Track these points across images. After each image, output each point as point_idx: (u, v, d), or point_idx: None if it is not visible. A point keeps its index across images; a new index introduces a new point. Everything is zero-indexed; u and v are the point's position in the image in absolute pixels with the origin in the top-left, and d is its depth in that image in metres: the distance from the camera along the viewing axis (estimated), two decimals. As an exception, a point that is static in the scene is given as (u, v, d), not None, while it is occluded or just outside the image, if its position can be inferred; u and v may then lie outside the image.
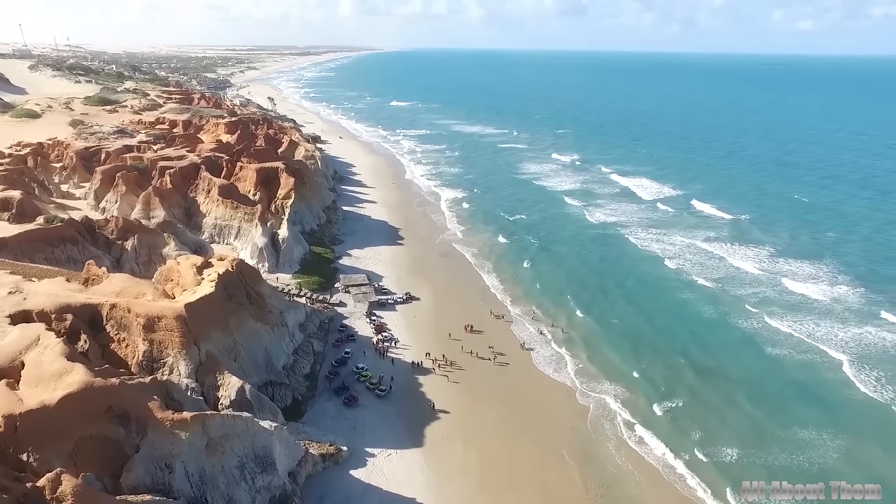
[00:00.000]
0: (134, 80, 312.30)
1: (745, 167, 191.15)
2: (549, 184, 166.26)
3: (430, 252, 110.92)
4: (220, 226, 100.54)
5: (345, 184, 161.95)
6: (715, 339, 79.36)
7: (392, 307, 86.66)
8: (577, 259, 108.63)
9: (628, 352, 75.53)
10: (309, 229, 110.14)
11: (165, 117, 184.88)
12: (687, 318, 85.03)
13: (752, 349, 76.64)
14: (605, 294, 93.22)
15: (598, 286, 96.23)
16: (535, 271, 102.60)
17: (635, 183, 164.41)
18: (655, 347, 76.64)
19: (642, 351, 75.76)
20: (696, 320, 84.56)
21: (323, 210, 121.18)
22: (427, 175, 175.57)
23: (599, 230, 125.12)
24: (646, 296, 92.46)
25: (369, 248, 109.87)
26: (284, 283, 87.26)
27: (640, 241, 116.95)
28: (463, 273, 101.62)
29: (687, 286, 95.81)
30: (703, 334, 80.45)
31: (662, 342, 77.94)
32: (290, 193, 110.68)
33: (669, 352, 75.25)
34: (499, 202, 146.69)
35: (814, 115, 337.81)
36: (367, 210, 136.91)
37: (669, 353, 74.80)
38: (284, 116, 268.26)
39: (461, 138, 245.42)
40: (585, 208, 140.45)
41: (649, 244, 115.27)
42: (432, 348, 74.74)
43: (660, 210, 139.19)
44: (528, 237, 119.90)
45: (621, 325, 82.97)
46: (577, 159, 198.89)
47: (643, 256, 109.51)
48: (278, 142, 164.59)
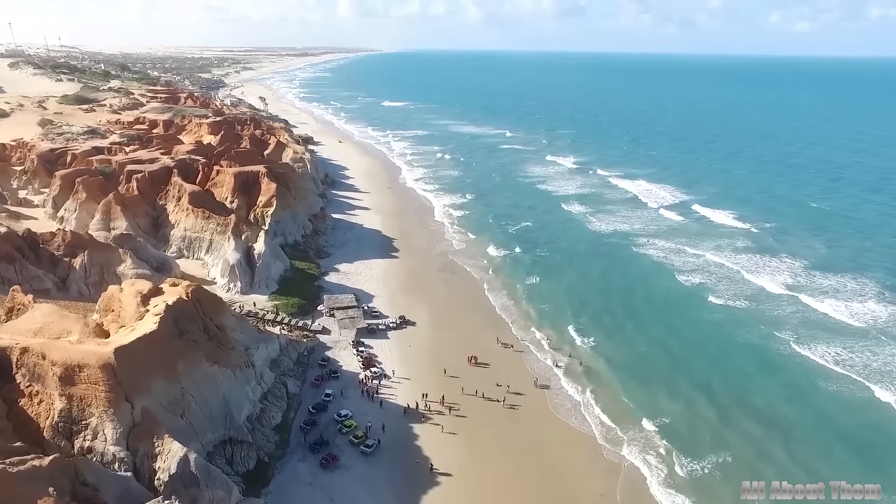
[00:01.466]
0: (121, 79, 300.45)
1: (749, 168, 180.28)
2: (551, 188, 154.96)
3: (427, 266, 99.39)
4: (189, 238, 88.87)
5: (337, 188, 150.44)
6: (747, 372, 68.46)
7: (384, 334, 75.06)
8: (586, 274, 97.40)
9: (657, 389, 64.46)
10: (292, 241, 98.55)
11: (146, 117, 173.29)
12: (710, 346, 74.50)
13: (783, 384, 66.23)
14: (621, 316, 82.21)
15: (611, 306, 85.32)
16: (544, 288, 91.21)
17: (638, 187, 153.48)
18: (683, 382, 66.03)
19: (672, 387, 64.86)
20: (720, 347, 74.20)
21: (309, 218, 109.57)
22: (424, 178, 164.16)
23: (606, 240, 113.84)
24: (662, 318, 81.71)
25: (360, 262, 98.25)
26: (258, 307, 75.60)
27: (649, 254, 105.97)
28: (464, 290, 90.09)
29: (704, 306, 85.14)
30: (736, 369, 69.29)
31: (689, 376, 67.38)
32: (272, 201, 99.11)
33: (700, 390, 64.37)
34: (499, 208, 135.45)
35: (815, 116, 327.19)
36: (360, 217, 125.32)
37: (700, 392, 64.02)
38: (276, 116, 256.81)
39: (459, 139, 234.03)
40: (589, 215, 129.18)
41: (659, 257, 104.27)
42: (430, 387, 63.21)
43: (666, 217, 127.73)
44: (534, 248, 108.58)
45: (643, 354, 72.23)
46: (578, 161, 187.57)
47: (654, 271, 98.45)
48: (265, 143, 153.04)
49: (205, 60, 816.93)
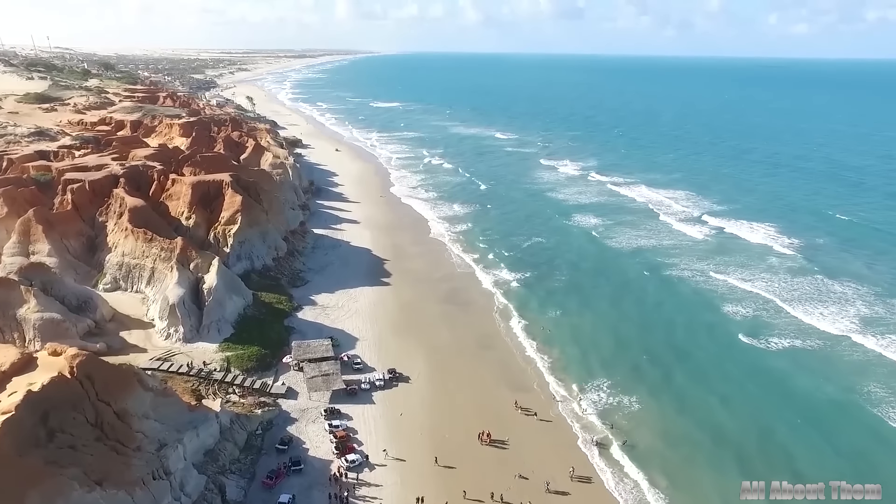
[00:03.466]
0: (100, 77, 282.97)
1: (758, 172, 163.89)
2: (558, 196, 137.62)
3: (425, 296, 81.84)
4: (127, 266, 71.23)
5: (323, 197, 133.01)
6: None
7: (367, 396, 57.62)
8: (613, 305, 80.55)
9: (729, 473, 47.11)
10: (260, 266, 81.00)
11: (112, 117, 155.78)
12: (782, 404, 58.13)
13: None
14: (664, 364, 65.62)
15: (651, 349, 68.70)
16: (567, 326, 73.97)
17: (647, 195, 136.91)
18: (758, 459, 48.88)
19: (745, 464, 47.35)
20: (798, 406, 57.59)
21: (285, 236, 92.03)
22: (421, 185, 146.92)
23: (627, 261, 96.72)
24: (717, 366, 65.56)
25: (343, 292, 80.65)
26: (203, 362, 57.98)
27: (676, 278, 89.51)
28: (471, 330, 72.58)
29: (758, 351, 68.20)
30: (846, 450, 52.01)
31: (766, 451, 50.57)
32: (236, 217, 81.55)
33: (785, 467, 46.67)
34: (504, 220, 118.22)
35: (817, 117, 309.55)
36: (347, 233, 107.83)
37: (786, 471, 46.18)
38: (263, 117, 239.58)
39: (459, 142, 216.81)
40: (603, 230, 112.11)
41: (687, 282, 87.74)
42: (426, 487, 45.73)
43: (683, 232, 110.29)
44: (550, 271, 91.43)
45: (704, 421, 55.24)
46: (581, 166, 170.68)
47: (689, 302, 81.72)
48: (242, 146, 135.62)
49: (200, 62, 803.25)
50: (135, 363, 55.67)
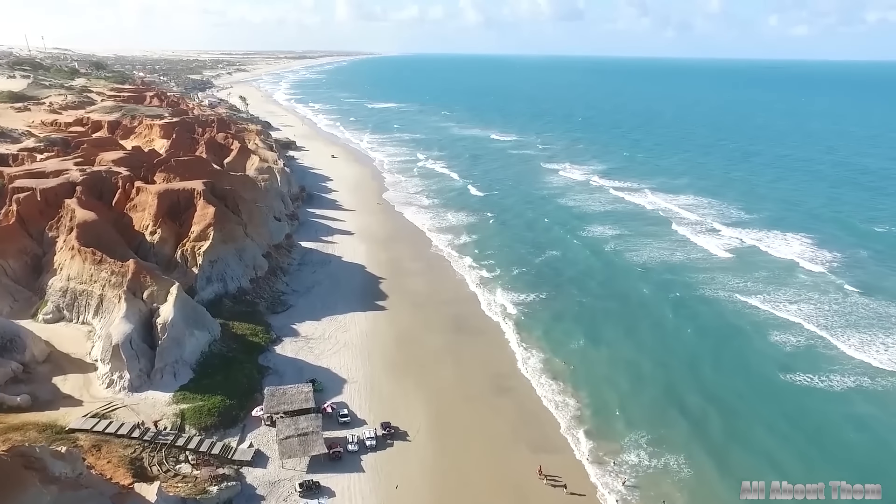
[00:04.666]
0: (88, 77, 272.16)
1: (770, 177, 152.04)
2: (567, 203, 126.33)
3: (426, 323, 70.66)
4: (73, 292, 60.03)
5: (315, 204, 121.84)
6: None
7: (355, 461, 46.42)
8: (648, 333, 69.58)
9: None
10: (235, 289, 69.79)
11: (89, 118, 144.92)
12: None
13: None
14: (720, 408, 54.79)
15: (701, 390, 58.19)
16: (596, 359, 63.09)
17: (666, 203, 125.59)
18: None
19: None
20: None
21: (267, 252, 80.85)
22: (422, 191, 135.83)
23: (652, 279, 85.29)
24: (788, 417, 53.64)
25: (330, 320, 69.49)
26: (151, 417, 46.73)
27: (710, 299, 78.62)
28: (481, 366, 61.36)
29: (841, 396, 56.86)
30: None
31: None
32: (207, 231, 70.37)
33: None
34: (513, 230, 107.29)
35: (821, 118, 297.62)
36: (339, 246, 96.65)
37: None
38: (256, 118, 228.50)
39: (460, 144, 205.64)
40: (619, 241, 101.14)
41: (723, 305, 76.51)
42: None
43: (710, 246, 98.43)
44: (570, 291, 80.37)
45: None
46: (592, 170, 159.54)
47: (725, 328, 70.94)
48: (226, 149, 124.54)
49: (199, 63, 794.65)
50: (63, 422, 44.68)
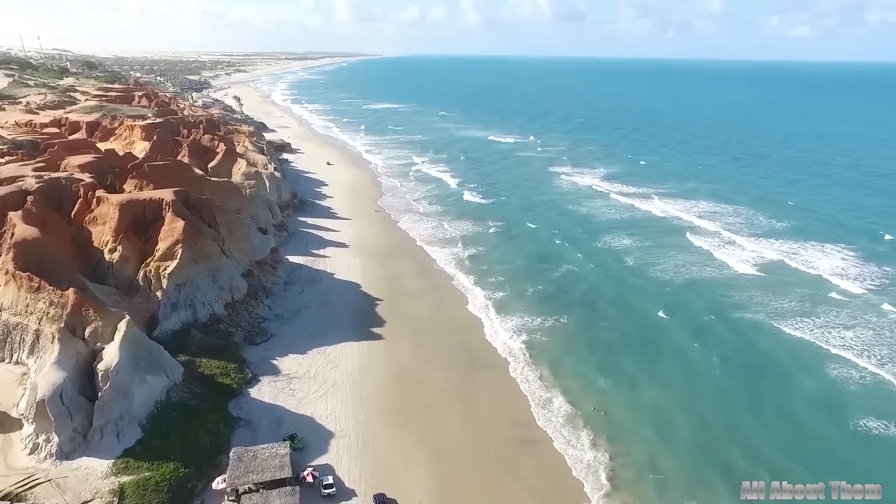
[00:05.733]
0: (77, 76, 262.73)
1: (784, 181, 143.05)
2: (576, 211, 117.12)
3: (429, 355, 60.77)
4: (6, 325, 50.11)
5: (307, 212, 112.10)
6: None
7: (339, 552, 36.70)
8: (680, 366, 60.34)
9: None
10: (206, 316, 59.96)
11: (67, 118, 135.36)
12: None
13: None
14: (769, 469, 43.80)
15: (749, 443, 47.78)
16: (631, 403, 53.72)
17: (677, 212, 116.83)
18: None
19: None
20: None
21: (247, 270, 71.06)
22: (422, 197, 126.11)
23: (678, 300, 75.75)
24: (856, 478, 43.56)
25: (318, 352, 59.68)
26: (83, 497, 36.82)
27: (745, 323, 69.53)
28: (495, 413, 51.54)
29: None
30: None
31: None
32: (175, 249, 60.58)
33: None
34: (519, 242, 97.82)
35: (829, 119, 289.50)
36: (332, 261, 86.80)
37: None
38: (250, 119, 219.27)
39: (461, 146, 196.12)
40: (641, 257, 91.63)
41: (767, 333, 67.01)
42: None
43: (733, 261, 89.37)
44: (587, 316, 71.01)
45: None
46: (598, 174, 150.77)
47: (769, 359, 61.70)
48: (211, 152, 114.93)
49: (198, 64, 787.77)
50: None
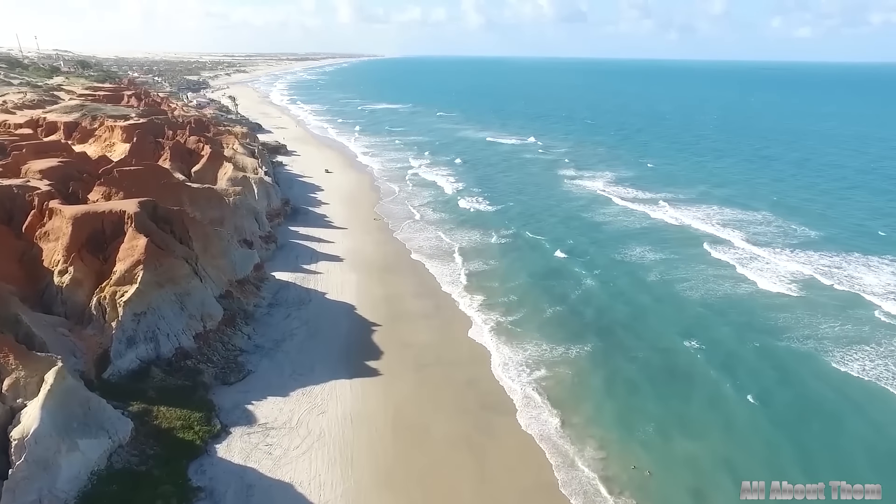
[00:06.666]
0: (68, 76, 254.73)
1: (806, 194, 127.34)
2: (593, 218, 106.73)
3: (433, 398, 51.56)
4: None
5: (300, 221, 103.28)
6: None
7: None
8: (716, 414, 49.68)
9: None
10: (171, 351, 50.98)
11: (45, 118, 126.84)
12: None
13: None
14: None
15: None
16: (681, 460, 43.96)
17: (700, 217, 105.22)
18: None
19: None
20: None
21: (225, 292, 62.17)
22: (424, 204, 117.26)
23: (702, 323, 64.56)
24: None
25: (302, 393, 50.61)
26: None
27: (783, 354, 58.32)
28: (513, 476, 42.24)
29: None
30: None
31: None
32: (135, 272, 51.62)
33: None
34: (527, 256, 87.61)
35: (839, 119, 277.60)
36: (324, 277, 77.75)
37: None
38: (245, 119, 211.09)
39: (462, 147, 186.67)
40: (658, 269, 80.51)
41: (807, 366, 56.37)
42: None
43: (764, 282, 76.46)
44: (596, 342, 60.11)
45: None
46: (609, 177, 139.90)
47: (814, 403, 51.06)
48: (196, 155, 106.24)
49: (199, 64, 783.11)
50: None
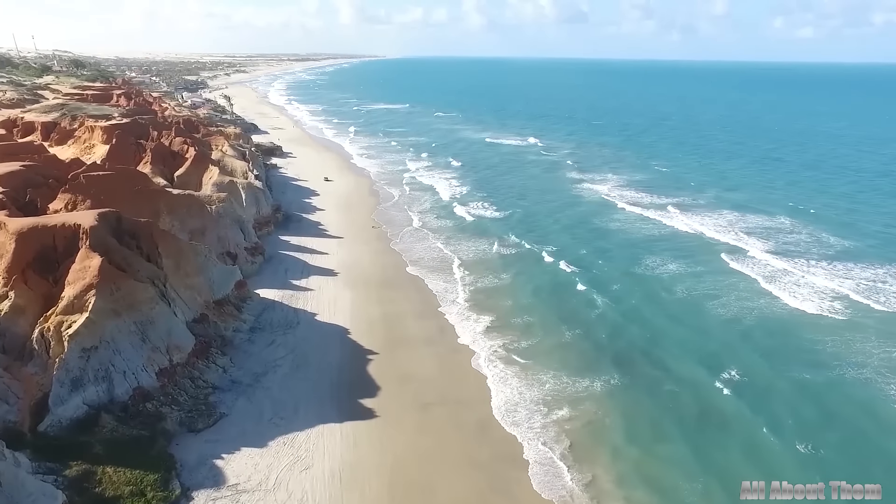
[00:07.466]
0: (58, 74, 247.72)
1: (817, 189, 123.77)
2: (601, 226, 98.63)
3: (442, 449, 43.43)
4: None
5: (293, 229, 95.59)
6: None
7: None
8: (774, 465, 42.59)
9: None
10: (128, 393, 43.13)
11: (23, 118, 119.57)
12: None
13: None
14: None
15: None
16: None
17: (715, 225, 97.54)
18: None
19: None
20: None
21: (200, 316, 54.38)
22: (428, 209, 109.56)
23: (732, 353, 56.25)
24: None
25: (283, 442, 42.63)
26: None
27: (826, 390, 50.69)
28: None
29: None
30: None
31: None
32: (85, 298, 43.86)
33: None
34: (537, 269, 79.46)
35: (846, 119, 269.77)
36: (315, 295, 69.91)
37: None
38: (241, 119, 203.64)
39: (462, 147, 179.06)
40: (677, 287, 72.30)
41: (860, 407, 48.52)
42: None
43: (796, 301, 68.55)
44: (628, 379, 52.08)
45: None
46: (614, 181, 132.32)
47: (879, 452, 44.78)
48: (181, 158, 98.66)
49: (199, 64, 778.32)
50: None
